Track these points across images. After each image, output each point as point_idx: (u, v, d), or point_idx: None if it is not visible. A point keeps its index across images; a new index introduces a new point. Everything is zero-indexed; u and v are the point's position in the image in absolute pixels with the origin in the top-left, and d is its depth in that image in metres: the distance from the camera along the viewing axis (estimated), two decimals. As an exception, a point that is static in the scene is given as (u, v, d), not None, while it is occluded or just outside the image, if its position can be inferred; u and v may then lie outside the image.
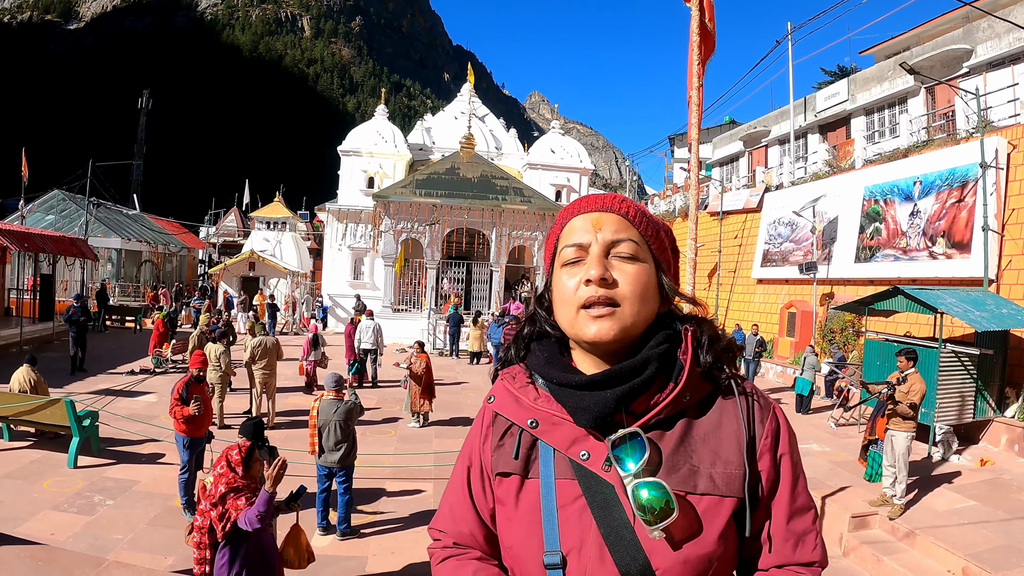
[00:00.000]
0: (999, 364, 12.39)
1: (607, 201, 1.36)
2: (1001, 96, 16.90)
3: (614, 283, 1.28)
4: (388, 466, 10.28)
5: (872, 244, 18.19)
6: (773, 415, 1.34)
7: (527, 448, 1.35)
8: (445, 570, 1.40)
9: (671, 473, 1.23)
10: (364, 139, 30.41)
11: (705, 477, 1.24)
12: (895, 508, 8.37)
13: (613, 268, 1.29)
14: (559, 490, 1.28)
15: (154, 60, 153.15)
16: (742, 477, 1.25)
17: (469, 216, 25.79)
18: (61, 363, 15.76)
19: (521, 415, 1.36)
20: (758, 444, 1.30)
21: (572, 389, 1.29)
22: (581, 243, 1.32)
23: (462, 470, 1.48)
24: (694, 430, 1.29)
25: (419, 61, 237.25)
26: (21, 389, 10.39)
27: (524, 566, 1.30)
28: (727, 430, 1.29)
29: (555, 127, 33.06)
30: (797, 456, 1.35)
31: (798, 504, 1.31)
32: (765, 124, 29.88)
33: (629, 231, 1.33)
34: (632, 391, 1.26)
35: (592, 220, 1.34)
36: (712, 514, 1.23)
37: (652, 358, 1.28)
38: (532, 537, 1.28)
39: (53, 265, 22.65)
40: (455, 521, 1.45)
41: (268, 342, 12.67)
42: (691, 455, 1.26)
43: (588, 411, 1.26)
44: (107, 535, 7.28)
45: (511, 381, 1.41)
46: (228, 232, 51.05)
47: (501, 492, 1.37)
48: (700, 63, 7.79)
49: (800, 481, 1.34)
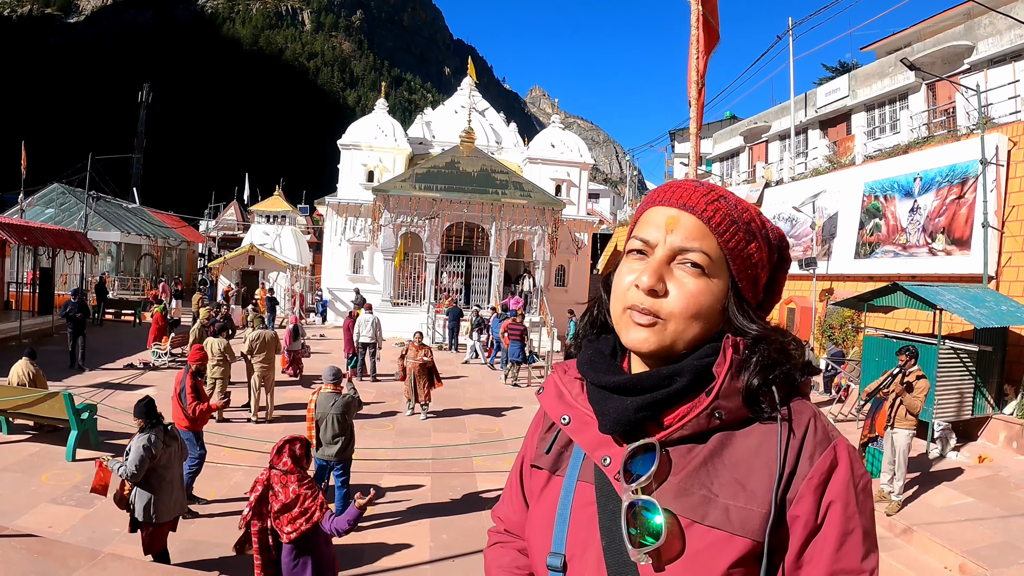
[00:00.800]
0: (998, 361, 12.39)
1: (693, 198, 1.19)
2: (1002, 93, 16.89)
3: (665, 294, 1.15)
4: (386, 459, 10.28)
5: (872, 240, 18.17)
6: (832, 451, 1.12)
7: (562, 445, 1.32)
8: (490, 555, 1.48)
9: (681, 495, 1.11)
10: (364, 133, 30.36)
11: (719, 509, 1.09)
12: (893, 504, 8.38)
13: (671, 278, 1.16)
14: (578, 492, 1.23)
15: (154, 54, 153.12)
16: (764, 517, 1.07)
17: (469, 210, 25.75)
18: (60, 356, 15.76)
19: (559, 410, 1.29)
20: (797, 482, 1.10)
21: (602, 390, 1.20)
22: (648, 240, 1.19)
23: (517, 460, 1.49)
24: (725, 453, 1.13)
25: (420, 55, 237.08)
26: (20, 382, 10.38)
27: (535, 561, 1.29)
28: (762, 459, 1.11)
29: (555, 121, 33.02)
30: (856, 509, 1.10)
31: (843, 564, 1.08)
32: (765, 119, 29.84)
33: (705, 240, 1.16)
34: (656, 402, 1.14)
35: (668, 218, 1.18)
36: (717, 552, 1.07)
37: (685, 370, 1.14)
38: (543, 535, 1.25)
39: (53, 259, 22.66)
40: (509, 509, 1.49)
41: (267, 335, 12.67)
42: (711, 481, 1.11)
43: (608, 416, 1.16)
44: (105, 528, 7.28)
45: (562, 374, 1.34)
46: (228, 226, 51.03)
47: (531, 485, 1.37)
48: (700, 57, 7.76)
49: (854, 537, 1.09)
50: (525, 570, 1.38)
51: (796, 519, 1.09)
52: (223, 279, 30.89)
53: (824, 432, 1.14)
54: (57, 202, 35.29)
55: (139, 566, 5.04)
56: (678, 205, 1.19)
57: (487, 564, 1.47)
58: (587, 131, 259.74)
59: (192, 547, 7.03)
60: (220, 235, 48.88)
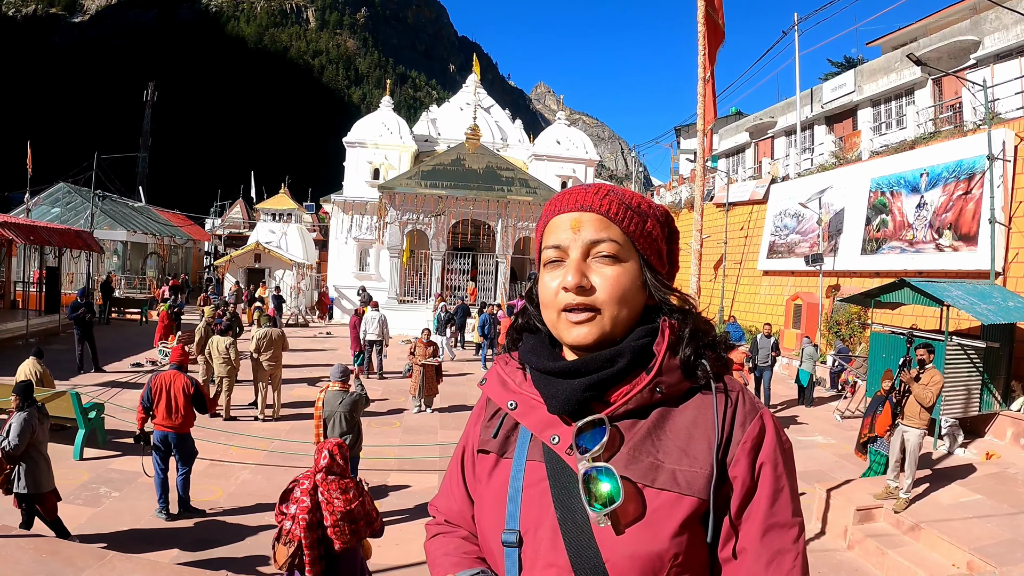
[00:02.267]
0: (1005, 357, 12.33)
1: (587, 198, 1.31)
2: (1008, 88, 16.82)
3: (592, 289, 1.26)
4: (393, 457, 10.30)
5: (878, 236, 18.12)
6: (759, 420, 1.26)
7: (508, 429, 1.39)
8: (432, 546, 1.49)
9: (631, 464, 1.21)
10: (369, 130, 30.39)
11: (667, 472, 1.20)
12: (900, 501, 8.35)
13: (592, 271, 1.27)
14: (528, 471, 1.30)
15: (159, 52, 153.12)
16: (707, 477, 1.19)
17: (475, 207, 25.75)
18: (67, 355, 15.78)
19: (504, 397, 1.37)
20: (733, 447, 1.23)
21: (547, 375, 1.30)
22: (560, 244, 1.30)
23: (458, 450, 1.53)
24: (667, 424, 1.25)
25: (424, 52, 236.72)
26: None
27: (487, 542, 1.34)
28: (700, 428, 1.24)
29: (561, 118, 33.00)
30: (784, 468, 1.25)
31: (777, 519, 1.21)
32: (771, 115, 29.78)
33: (610, 230, 1.29)
34: (601, 382, 1.24)
35: (572, 221, 1.30)
36: (667, 511, 1.18)
37: (625, 351, 1.26)
38: (496, 514, 1.31)
39: (59, 258, 22.73)
40: (448, 500, 1.52)
41: (273, 333, 12.68)
42: (657, 449, 1.23)
43: (557, 398, 1.26)
44: (113, 526, 7.31)
45: (504, 365, 1.43)
46: (234, 224, 51.17)
47: (479, 469, 1.42)
48: (707, 54, 7.74)
49: (783, 494, 1.23)
50: (472, 555, 1.40)
51: (735, 479, 1.22)
52: (229, 277, 30.96)
53: (752, 403, 1.29)
54: (63, 201, 35.39)
55: (147, 565, 5.05)
56: (577, 208, 1.31)
57: (430, 555, 1.47)
58: (592, 127, 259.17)
59: (199, 544, 7.05)
60: (226, 233, 49.02)
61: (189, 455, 7.97)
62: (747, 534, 1.22)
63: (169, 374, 7.99)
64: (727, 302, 24.89)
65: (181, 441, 7.83)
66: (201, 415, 8.29)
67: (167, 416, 7.71)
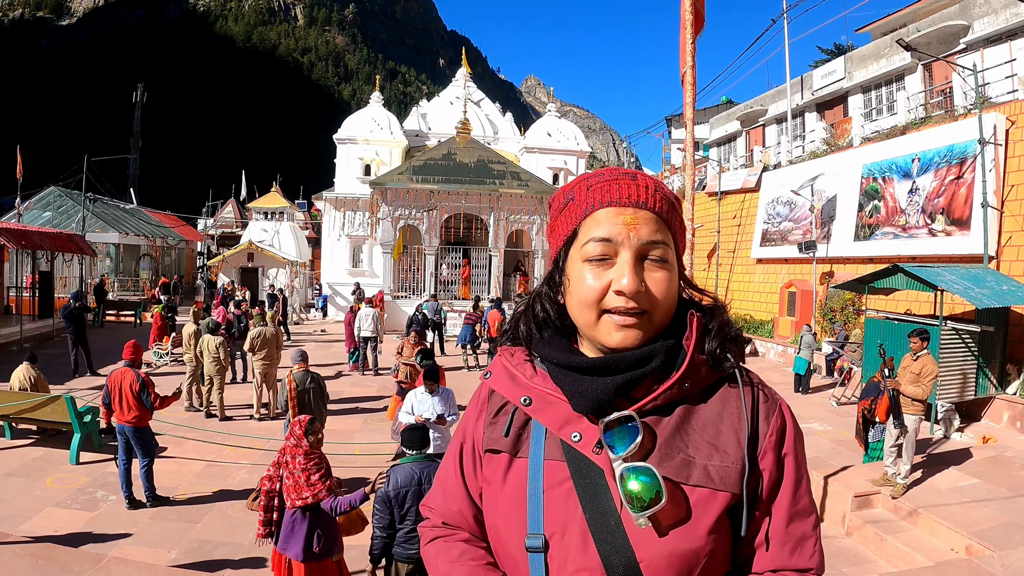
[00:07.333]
0: (1000, 341, 12.38)
1: (642, 194, 1.22)
2: (999, 72, 16.81)
3: (646, 292, 1.20)
4: (388, 453, 10.27)
5: (871, 222, 18.14)
6: (779, 412, 1.27)
7: (519, 426, 1.32)
8: (431, 552, 1.40)
9: (664, 461, 1.17)
10: (359, 127, 30.29)
11: (700, 468, 1.18)
12: (898, 487, 8.37)
13: (643, 274, 1.20)
14: (547, 471, 1.24)
15: (147, 53, 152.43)
16: (740, 472, 1.19)
17: (467, 201, 25.68)
18: (61, 360, 15.70)
19: (515, 392, 1.31)
20: (761, 441, 1.24)
21: (572, 372, 1.23)
22: (611, 239, 1.20)
23: (455, 447, 1.46)
24: (694, 419, 1.23)
25: (414, 47, 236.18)
26: (21, 387, 10.37)
27: (506, 548, 1.27)
28: (728, 422, 1.23)
29: (551, 110, 32.90)
30: (802, 457, 1.28)
31: (800, 507, 1.25)
32: (762, 103, 29.77)
33: (664, 232, 1.23)
34: (633, 380, 1.20)
35: (626, 219, 1.21)
36: (704, 507, 1.17)
37: (659, 351, 1.21)
38: (515, 518, 1.25)
39: (51, 262, 22.60)
40: (446, 499, 1.44)
41: (267, 332, 12.62)
42: (687, 444, 1.20)
43: (585, 396, 1.20)
44: (110, 530, 7.28)
45: (509, 358, 1.36)
46: (226, 223, 50.99)
47: (489, 470, 1.34)
48: (691, 41, 7.71)
49: (803, 483, 1.26)
50: (481, 561, 1.33)
51: (764, 471, 1.24)
52: (222, 277, 30.86)
53: (771, 396, 1.30)
54: (54, 205, 35.19)
55: (144, 569, 5.03)
56: (631, 203, 1.22)
57: (432, 562, 1.39)
58: (583, 119, 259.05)
59: (199, 546, 7.02)
60: (219, 233, 48.85)
61: (148, 448, 8.19)
62: (774, 523, 1.24)
63: (120, 371, 8.35)
64: (721, 291, 24.89)
65: (138, 434, 8.08)
66: (153, 410, 8.33)
67: (120, 411, 8.06)
